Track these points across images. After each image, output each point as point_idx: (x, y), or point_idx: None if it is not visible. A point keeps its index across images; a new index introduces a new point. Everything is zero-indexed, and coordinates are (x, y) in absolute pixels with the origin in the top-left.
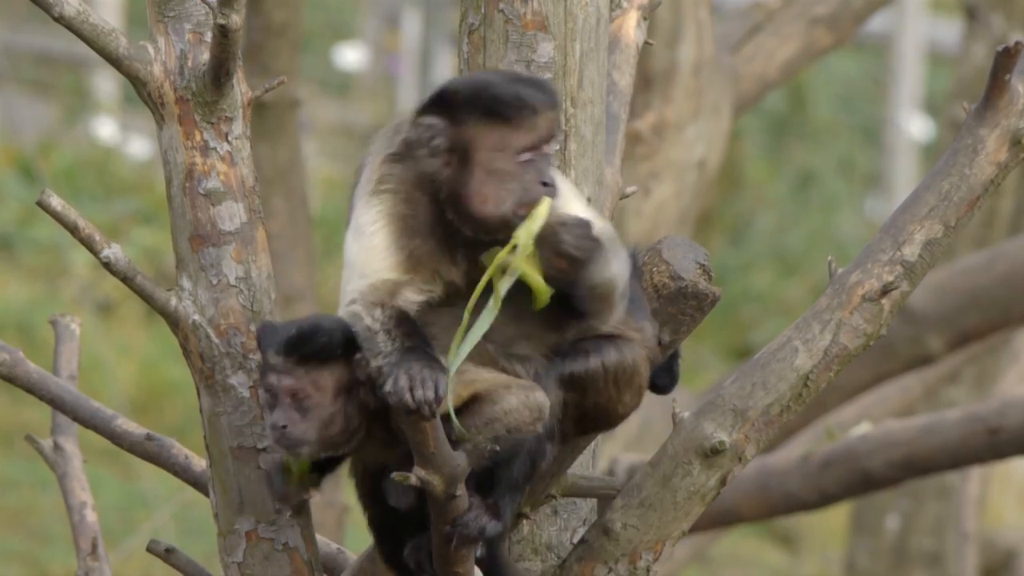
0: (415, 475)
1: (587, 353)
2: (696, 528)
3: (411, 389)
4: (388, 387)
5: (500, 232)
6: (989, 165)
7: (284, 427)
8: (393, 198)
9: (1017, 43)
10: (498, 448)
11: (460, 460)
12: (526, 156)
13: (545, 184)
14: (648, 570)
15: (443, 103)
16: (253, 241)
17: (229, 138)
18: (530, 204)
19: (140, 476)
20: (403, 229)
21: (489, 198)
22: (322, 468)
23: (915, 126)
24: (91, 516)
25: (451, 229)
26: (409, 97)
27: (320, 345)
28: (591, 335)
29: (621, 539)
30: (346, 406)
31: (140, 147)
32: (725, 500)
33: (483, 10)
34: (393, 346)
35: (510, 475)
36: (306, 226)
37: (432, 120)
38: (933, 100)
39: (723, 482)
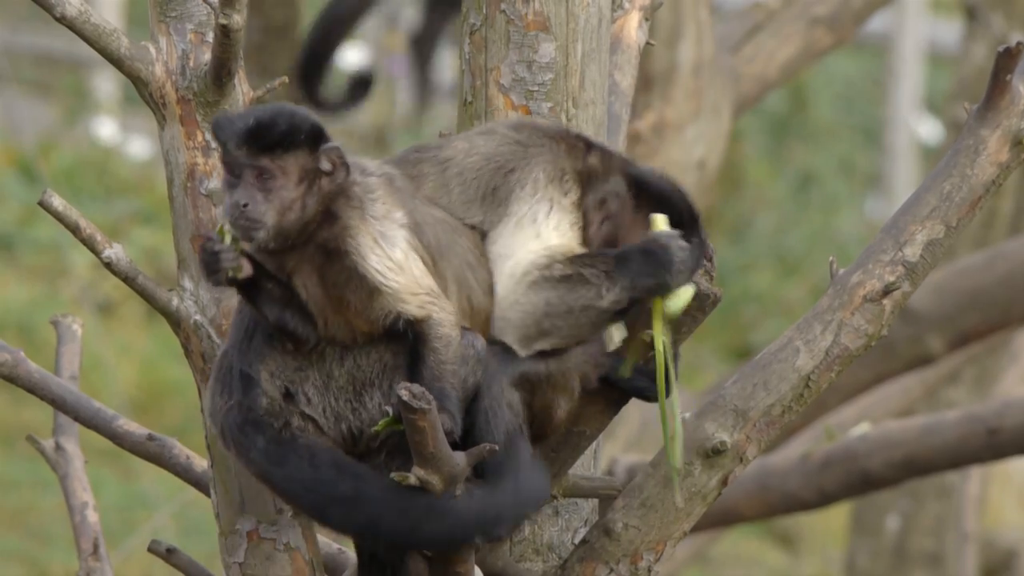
0: (414, 475)
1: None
2: (696, 528)
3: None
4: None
5: None
6: (990, 166)
7: (246, 205)
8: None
9: (1019, 43)
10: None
11: (459, 460)
12: None
13: None
14: (649, 570)
15: (637, 184)
16: None
17: None
18: None
19: (141, 476)
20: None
21: None
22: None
23: (924, 128)
24: (92, 516)
25: None
26: (409, 97)
27: (282, 133)
28: None
29: (622, 539)
30: (306, 194)
31: (140, 147)
32: (725, 500)
33: (485, 11)
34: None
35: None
36: None
37: (620, 184)
38: (933, 100)
39: (724, 482)
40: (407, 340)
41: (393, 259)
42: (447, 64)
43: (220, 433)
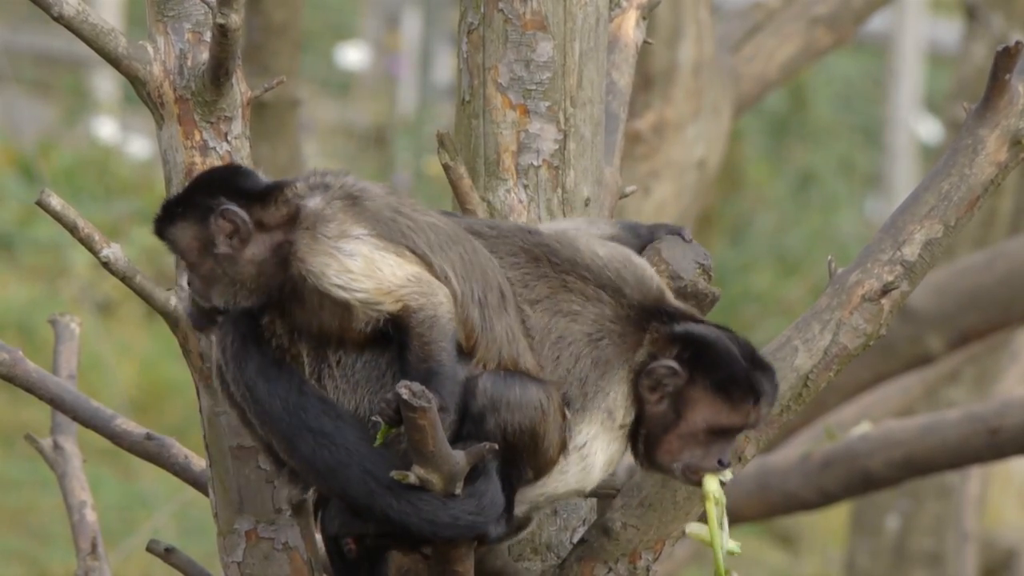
0: (414, 473)
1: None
2: None
3: None
4: None
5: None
6: (989, 165)
7: (189, 284)
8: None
9: (1017, 43)
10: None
11: (459, 458)
12: (723, 433)
13: (720, 463)
14: (648, 569)
15: (690, 352)
16: None
17: (228, 138)
18: (699, 473)
19: (140, 476)
20: None
21: (673, 453)
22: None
23: (924, 128)
24: (91, 516)
25: None
26: (409, 97)
27: (161, 218)
28: None
29: (621, 539)
30: (218, 264)
31: (140, 147)
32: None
33: (482, 9)
34: None
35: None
36: None
37: (674, 367)
38: (933, 100)
39: (723, 482)
40: (394, 338)
41: (353, 270)
42: (447, 64)
43: (223, 336)
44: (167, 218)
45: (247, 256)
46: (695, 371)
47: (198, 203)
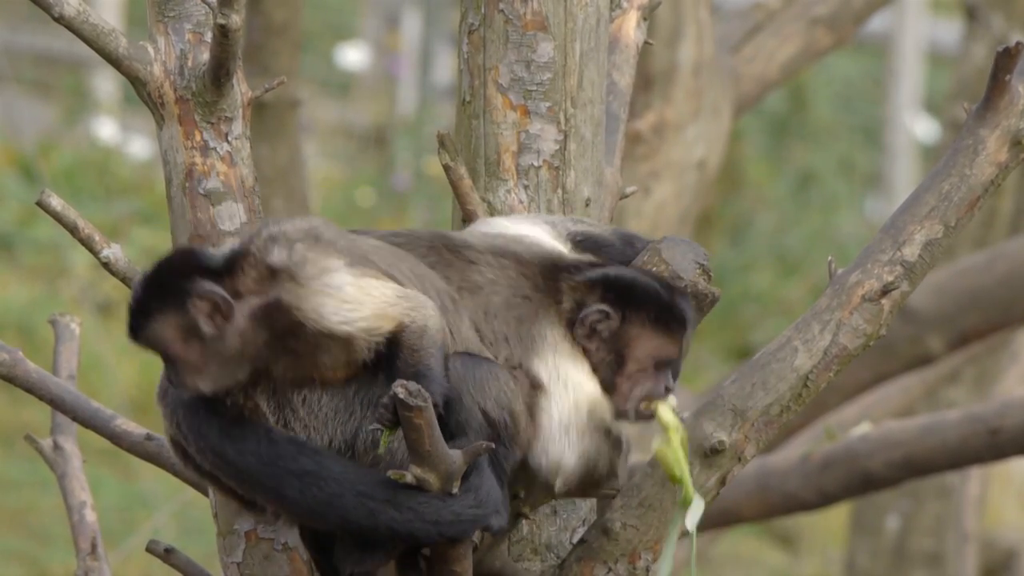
0: (411, 473)
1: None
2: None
3: None
4: None
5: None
6: (989, 166)
7: (172, 380)
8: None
9: (1018, 43)
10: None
11: (456, 457)
12: (663, 364)
13: (667, 389)
14: (647, 570)
15: (614, 294)
16: None
17: (229, 138)
18: (650, 401)
19: (140, 476)
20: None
21: (625, 395)
22: None
23: (920, 127)
24: (91, 516)
25: None
26: (409, 97)
27: (136, 314)
28: None
29: (621, 539)
30: (207, 346)
31: (140, 147)
32: (725, 500)
33: (483, 10)
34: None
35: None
36: None
37: (606, 310)
38: (933, 100)
39: (723, 482)
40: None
41: (349, 301)
42: (447, 64)
43: (172, 412)
44: (141, 318)
45: (233, 329)
46: (626, 310)
47: (168, 292)
